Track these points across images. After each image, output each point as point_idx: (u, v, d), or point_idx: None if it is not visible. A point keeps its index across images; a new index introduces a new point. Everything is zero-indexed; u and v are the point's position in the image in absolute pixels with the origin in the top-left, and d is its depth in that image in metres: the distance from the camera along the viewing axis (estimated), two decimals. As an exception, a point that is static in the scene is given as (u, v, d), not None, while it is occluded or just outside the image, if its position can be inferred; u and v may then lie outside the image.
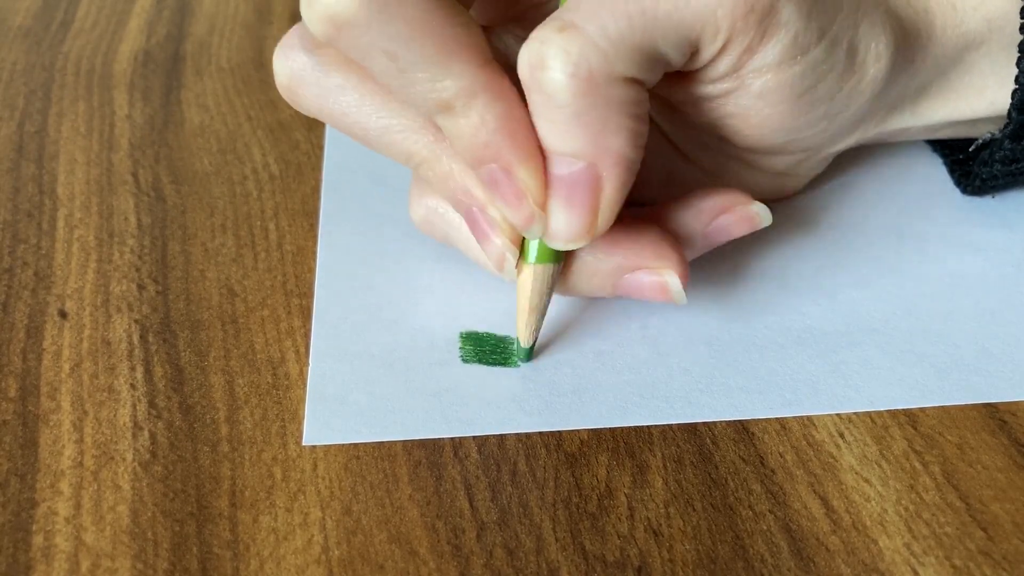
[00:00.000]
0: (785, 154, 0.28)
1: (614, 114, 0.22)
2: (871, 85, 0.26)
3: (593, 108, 0.22)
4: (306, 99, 0.24)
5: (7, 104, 0.37)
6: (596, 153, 0.22)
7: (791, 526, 0.22)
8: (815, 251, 0.29)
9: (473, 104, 0.22)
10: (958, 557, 0.21)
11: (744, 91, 0.24)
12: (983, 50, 0.27)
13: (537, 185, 0.22)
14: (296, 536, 0.22)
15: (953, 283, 0.28)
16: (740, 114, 0.25)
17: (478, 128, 0.22)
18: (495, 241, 0.24)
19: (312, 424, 0.24)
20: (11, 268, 0.29)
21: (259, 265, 0.29)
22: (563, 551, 0.22)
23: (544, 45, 0.22)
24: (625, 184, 0.23)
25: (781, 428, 0.24)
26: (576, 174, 0.22)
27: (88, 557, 0.21)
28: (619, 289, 0.25)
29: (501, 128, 0.22)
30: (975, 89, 0.28)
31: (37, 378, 0.26)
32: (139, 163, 0.33)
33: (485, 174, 0.23)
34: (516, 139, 0.22)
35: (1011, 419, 0.24)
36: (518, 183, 0.22)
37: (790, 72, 0.24)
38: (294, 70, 0.24)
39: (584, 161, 0.22)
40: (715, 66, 0.24)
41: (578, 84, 0.21)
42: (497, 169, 0.22)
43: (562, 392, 0.25)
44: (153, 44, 0.41)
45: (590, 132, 0.22)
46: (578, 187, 0.22)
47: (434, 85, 0.22)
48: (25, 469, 0.23)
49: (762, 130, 0.26)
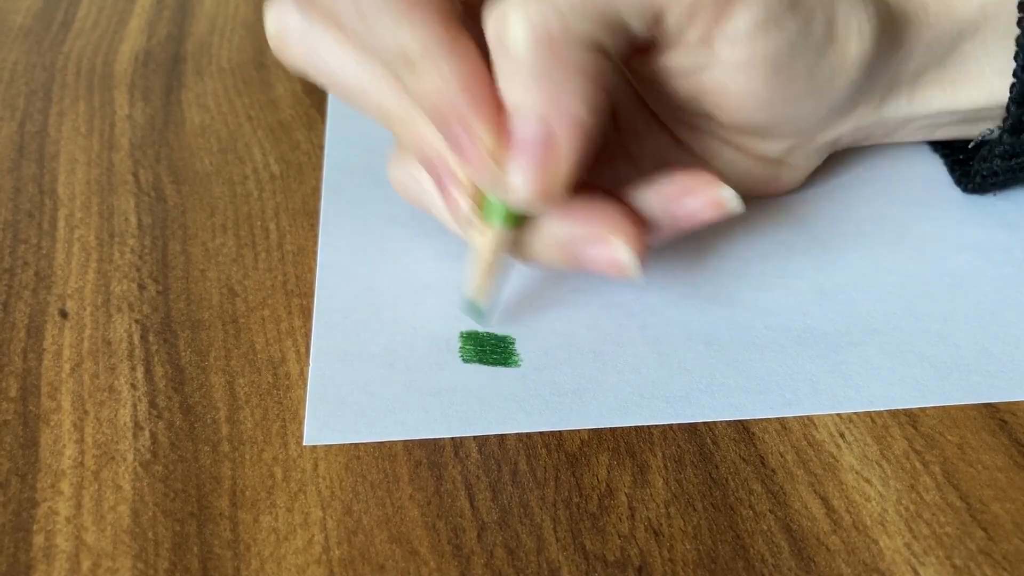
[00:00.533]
0: (775, 137, 0.28)
1: (571, 76, 0.22)
2: (856, 63, 0.26)
3: (551, 69, 0.22)
4: (291, 54, 0.26)
5: (8, 104, 0.37)
6: (552, 114, 0.22)
7: (791, 526, 0.22)
8: (815, 251, 0.29)
9: (436, 63, 0.23)
10: (958, 557, 0.21)
11: (718, 65, 0.25)
12: (978, 38, 0.27)
13: (496, 143, 0.23)
14: (297, 536, 0.22)
15: (953, 283, 0.28)
16: (717, 89, 0.25)
17: (440, 86, 0.23)
18: (459, 200, 0.25)
19: (312, 424, 0.24)
20: (11, 268, 0.29)
21: (259, 265, 0.29)
22: (564, 551, 0.22)
23: (507, 6, 0.22)
24: (580, 148, 0.23)
25: (781, 428, 0.24)
26: (532, 131, 0.23)
27: (89, 557, 0.21)
28: (576, 261, 0.25)
29: (463, 87, 0.23)
30: (972, 77, 0.28)
31: (38, 378, 0.26)
32: (140, 163, 0.33)
33: (447, 132, 0.23)
34: (476, 98, 0.23)
35: (1011, 419, 0.24)
36: (477, 141, 0.23)
37: (763, 44, 0.24)
38: (284, 24, 0.26)
39: (541, 121, 0.23)
40: (683, 37, 0.24)
41: (537, 44, 0.22)
42: (459, 128, 0.23)
43: (562, 392, 0.25)
44: (154, 44, 0.41)
45: (547, 92, 0.22)
46: (535, 146, 0.23)
47: (395, 35, 0.22)
48: (26, 469, 0.23)
49: (742, 106, 0.26)
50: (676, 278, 0.28)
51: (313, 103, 0.37)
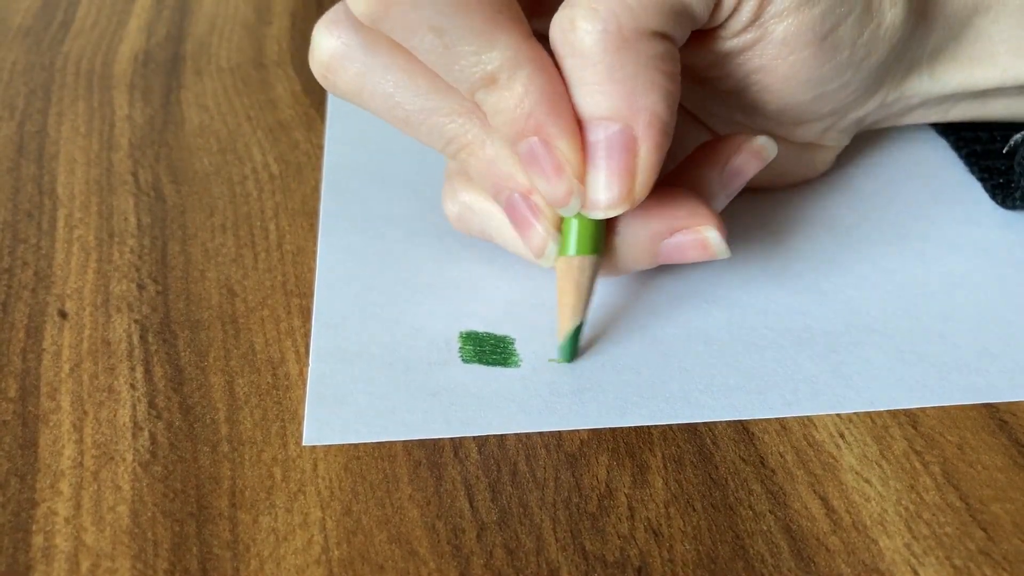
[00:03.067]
0: (813, 119, 0.28)
1: (645, 69, 0.22)
2: (890, 32, 0.26)
3: (624, 64, 0.22)
4: (344, 78, 0.24)
5: (7, 104, 0.37)
6: (630, 113, 0.22)
7: (791, 526, 0.22)
8: (815, 251, 0.29)
9: (517, 75, 0.22)
10: (958, 557, 0.21)
11: (768, 39, 0.25)
12: (991, 15, 0.28)
13: (577, 157, 0.23)
14: (296, 536, 0.22)
15: (953, 283, 0.28)
16: (767, 66, 0.25)
17: (521, 99, 0.22)
18: (536, 227, 0.24)
19: (312, 424, 0.24)
20: (11, 268, 0.29)
21: (259, 265, 0.29)
22: (563, 551, 0.22)
23: (572, 8, 0.22)
24: (660, 146, 0.23)
25: (781, 428, 0.24)
26: (612, 137, 0.22)
27: (88, 557, 0.21)
28: (661, 256, 0.25)
29: (543, 99, 0.22)
30: (987, 55, 0.28)
31: (37, 378, 0.25)
32: (139, 163, 0.33)
33: (524, 149, 0.23)
34: (557, 110, 0.22)
35: (1011, 419, 0.24)
36: (557, 155, 0.23)
37: (810, 14, 0.24)
38: (337, 47, 0.24)
39: (619, 123, 0.22)
40: (737, 16, 0.24)
41: (608, 40, 0.22)
42: (537, 142, 0.23)
43: (562, 392, 0.25)
44: (153, 44, 0.41)
45: (623, 90, 0.22)
46: (614, 150, 0.22)
47: (479, 58, 0.22)
48: (25, 469, 0.23)
49: (790, 82, 0.26)
50: (676, 278, 0.28)
51: (312, 103, 0.37)
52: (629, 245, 0.25)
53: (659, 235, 0.25)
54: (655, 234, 0.25)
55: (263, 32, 0.42)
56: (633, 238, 0.25)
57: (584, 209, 0.23)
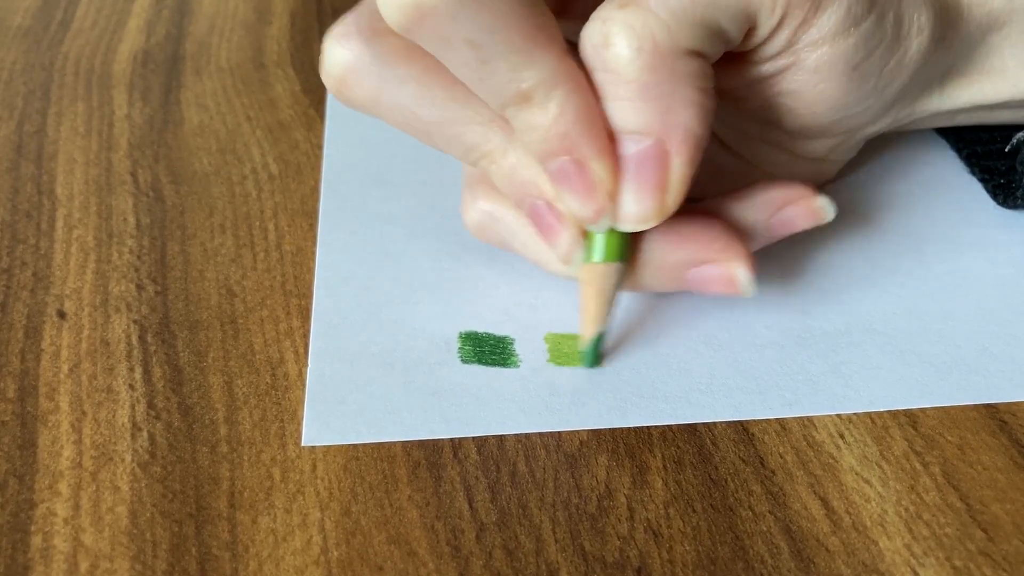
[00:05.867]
0: (827, 136, 0.28)
1: (681, 87, 0.22)
2: (915, 58, 0.26)
3: (660, 82, 0.22)
4: (359, 90, 0.24)
5: (6, 104, 0.37)
6: (664, 129, 0.22)
7: (791, 527, 0.22)
8: (815, 251, 0.29)
9: (553, 95, 0.22)
10: (958, 558, 0.21)
11: (799, 66, 0.25)
12: (1004, 32, 0.27)
13: (610, 177, 0.22)
14: (295, 537, 0.22)
15: (953, 283, 0.28)
16: (795, 91, 0.25)
17: (556, 119, 0.22)
18: (563, 234, 0.24)
19: (311, 424, 0.24)
20: (9, 268, 0.29)
21: (258, 265, 0.29)
22: (563, 552, 0.22)
23: (607, 23, 0.22)
24: (693, 161, 0.22)
25: (781, 429, 0.24)
26: (645, 151, 0.22)
27: (87, 558, 0.21)
28: (685, 283, 0.25)
29: (579, 120, 0.22)
30: (997, 71, 0.28)
31: (36, 379, 0.25)
32: (138, 163, 0.33)
33: (555, 167, 0.23)
34: (592, 132, 0.22)
35: (1011, 419, 0.24)
36: (591, 175, 0.22)
37: (844, 44, 0.24)
38: (349, 60, 0.23)
39: (652, 137, 0.22)
40: (771, 42, 0.24)
41: (645, 58, 0.21)
42: (568, 162, 0.22)
43: (562, 392, 0.25)
44: (152, 44, 0.41)
45: (658, 107, 0.22)
46: (647, 165, 0.22)
47: (515, 75, 0.22)
48: (24, 470, 0.23)
49: (816, 108, 0.26)
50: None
51: (312, 103, 0.37)
52: (657, 266, 0.25)
53: (689, 263, 0.24)
54: (685, 261, 0.24)
55: (263, 32, 0.42)
56: (662, 260, 0.25)
57: (614, 222, 0.23)
